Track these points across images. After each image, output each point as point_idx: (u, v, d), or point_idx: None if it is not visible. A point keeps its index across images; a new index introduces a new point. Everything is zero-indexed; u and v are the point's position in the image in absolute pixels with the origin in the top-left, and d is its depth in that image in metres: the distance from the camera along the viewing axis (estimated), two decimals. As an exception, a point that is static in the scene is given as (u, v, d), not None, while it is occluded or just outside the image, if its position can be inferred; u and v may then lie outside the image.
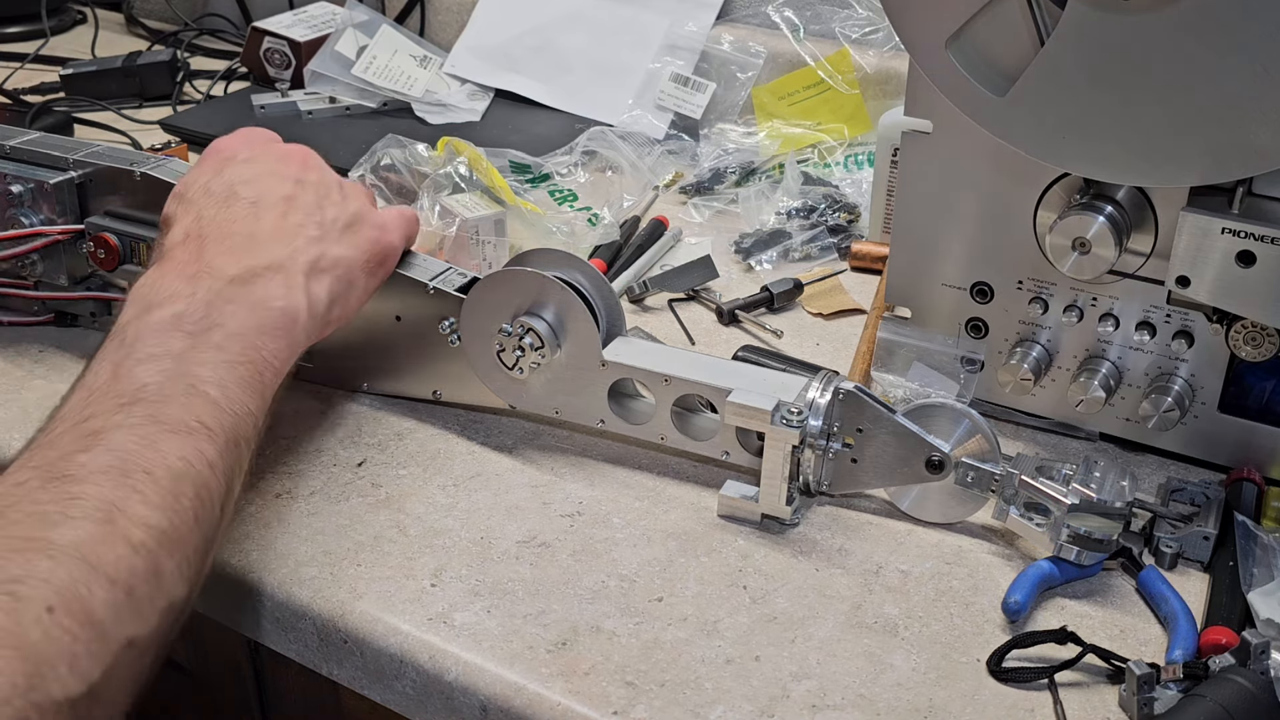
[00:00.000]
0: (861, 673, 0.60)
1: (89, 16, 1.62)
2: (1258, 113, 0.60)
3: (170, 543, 0.52)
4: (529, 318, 0.71)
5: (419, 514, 0.70)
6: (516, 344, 0.72)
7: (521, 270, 0.72)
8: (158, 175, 0.78)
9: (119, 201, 0.81)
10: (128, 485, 0.51)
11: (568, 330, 0.72)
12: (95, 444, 0.53)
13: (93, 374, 0.57)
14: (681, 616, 0.63)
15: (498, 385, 0.75)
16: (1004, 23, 0.66)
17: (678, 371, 0.70)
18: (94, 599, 0.48)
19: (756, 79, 1.27)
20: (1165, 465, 0.75)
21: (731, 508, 0.70)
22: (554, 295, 0.71)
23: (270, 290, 0.63)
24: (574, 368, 0.72)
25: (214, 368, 0.59)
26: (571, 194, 1.10)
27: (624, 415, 0.73)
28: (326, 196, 0.71)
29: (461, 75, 1.35)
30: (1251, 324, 0.68)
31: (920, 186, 0.76)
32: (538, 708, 0.58)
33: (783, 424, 0.66)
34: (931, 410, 0.68)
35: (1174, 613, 0.62)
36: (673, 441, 0.73)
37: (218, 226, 0.66)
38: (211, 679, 0.83)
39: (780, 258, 1.02)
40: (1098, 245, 0.69)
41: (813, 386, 0.68)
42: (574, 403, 0.74)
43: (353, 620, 0.63)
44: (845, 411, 0.68)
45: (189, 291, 0.61)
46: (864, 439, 0.68)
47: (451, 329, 0.74)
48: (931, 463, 0.67)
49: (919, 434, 0.67)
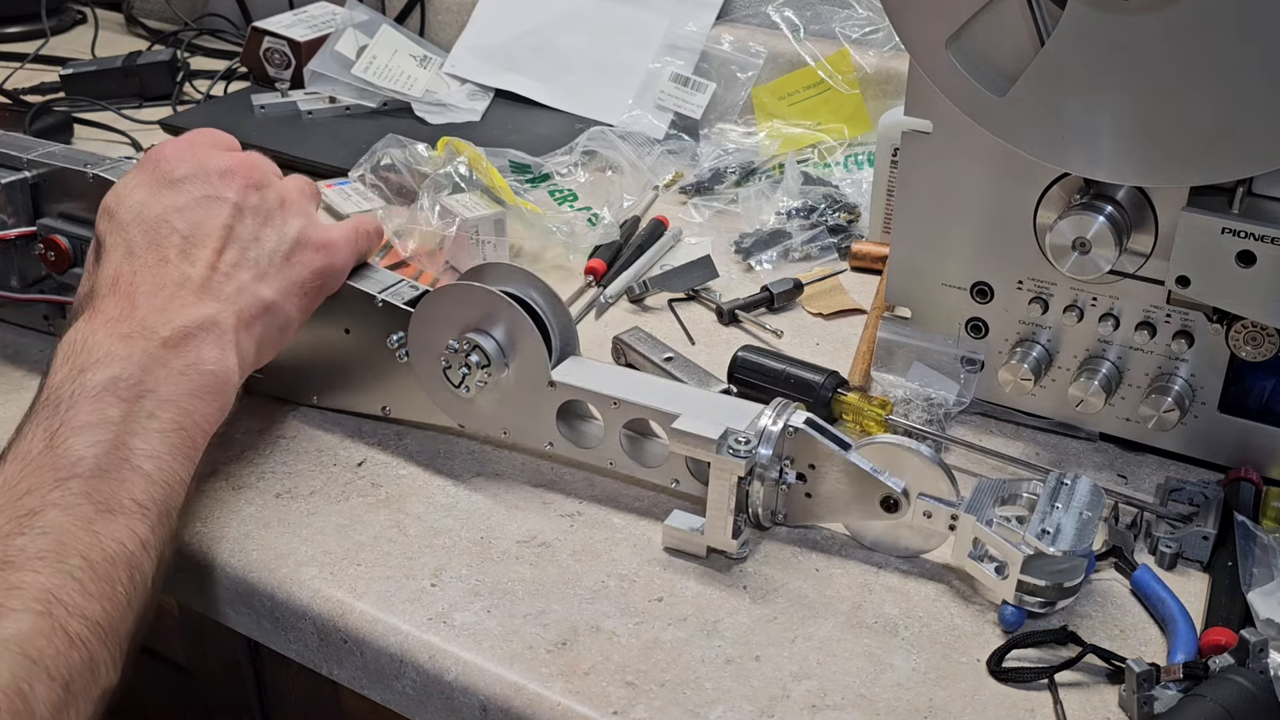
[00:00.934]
0: (861, 673, 0.60)
1: (89, 16, 1.62)
2: (1258, 113, 0.60)
3: (105, 634, 0.52)
4: (476, 334, 0.69)
5: (419, 514, 0.70)
6: (463, 361, 0.69)
7: (469, 285, 0.69)
8: (110, 178, 0.77)
9: (72, 204, 0.79)
10: (64, 572, 0.51)
11: (517, 349, 0.69)
12: (31, 526, 0.52)
13: (27, 441, 0.56)
14: (681, 616, 0.63)
15: (445, 403, 0.73)
16: (1004, 23, 0.66)
17: (627, 394, 0.68)
18: (35, 696, 0.48)
19: (756, 79, 1.27)
20: (1165, 465, 0.75)
21: (677, 540, 0.67)
22: (503, 312, 0.69)
23: (202, 353, 0.62)
24: (522, 387, 0.70)
25: (147, 438, 0.58)
26: (571, 194, 1.10)
27: (573, 438, 0.71)
28: (267, 222, 0.69)
29: (461, 75, 1.35)
30: (1251, 324, 0.68)
31: (920, 186, 0.76)
32: (538, 708, 0.58)
33: (729, 454, 0.63)
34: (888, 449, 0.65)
35: (1171, 614, 0.62)
36: (621, 467, 0.70)
37: (149, 273, 0.64)
38: (211, 679, 0.83)
39: (780, 258, 1.02)
40: (1098, 245, 0.69)
41: (765, 414, 0.66)
42: (523, 424, 0.71)
43: (353, 620, 0.63)
44: (796, 447, 0.65)
45: (124, 353, 0.60)
46: (817, 474, 0.66)
47: (400, 344, 0.72)
48: (887, 502, 0.64)
49: (872, 473, 0.64)
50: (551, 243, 1.00)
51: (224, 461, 0.74)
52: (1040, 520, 0.62)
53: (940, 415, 0.77)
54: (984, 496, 0.64)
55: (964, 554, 0.64)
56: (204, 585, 0.68)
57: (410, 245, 0.98)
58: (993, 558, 0.63)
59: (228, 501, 0.71)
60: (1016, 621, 0.62)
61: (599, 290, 0.96)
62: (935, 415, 0.77)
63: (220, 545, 0.67)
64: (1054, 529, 0.61)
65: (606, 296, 0.95)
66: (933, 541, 0.66)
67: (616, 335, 0.86)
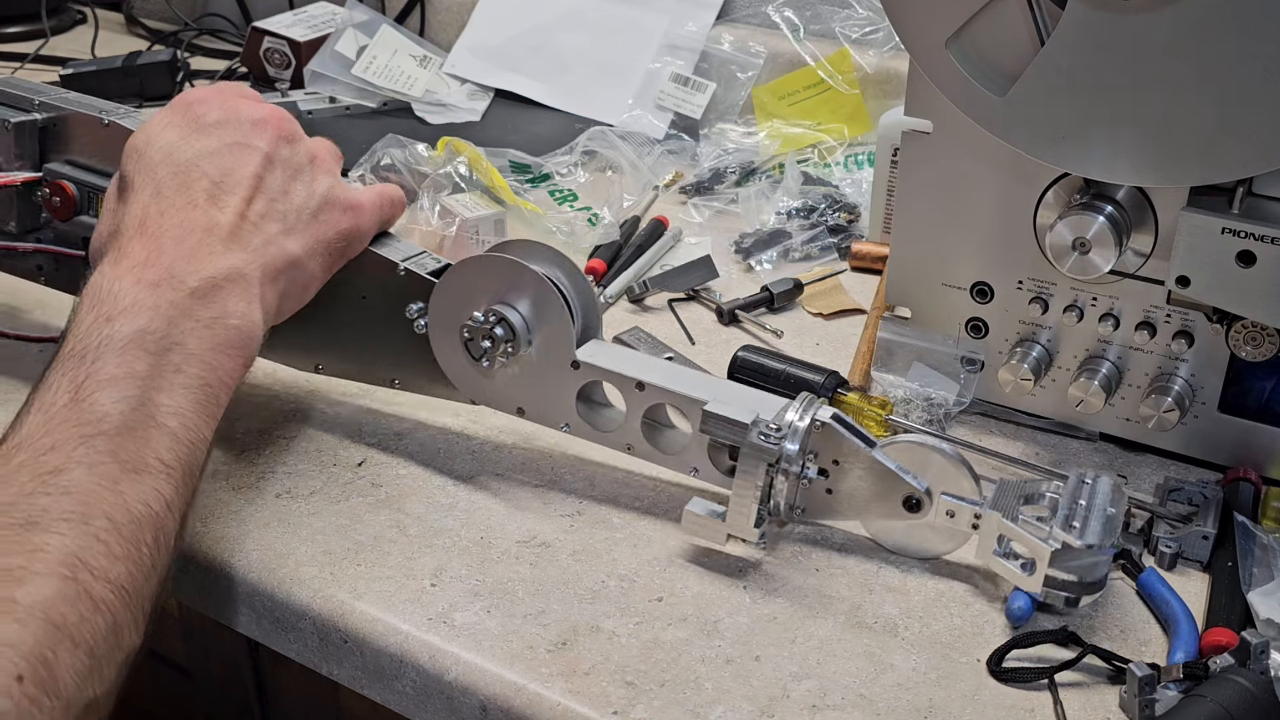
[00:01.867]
0: (861, 673, 0.60)
1: (89, 16, 1.62)
2: (1258, 113, 0.60)
3: (130, 597, 0.51)
4: (502, 307, 0.68)
5: (419, 514, 0.70)
6: (487, 333, 0.68)
7: (500, 257, 0.68)
8: (126, 125, 0.74)
9: (81, 150, 0.77)
10: (90, 534, 0.51)
11: (541, 325, 0.68)
12: (56, 485, 0.51)
13: (51, 392, 0.55)
14: (681, 616, 0.63)
15: (461, 377, 0.72)
16: (1004, 23, 0.66)
17: (652, 379, 0.67)
18: (59, 664, 0.47)
19: (756, 79, 1.27)
20: (1165, 465, 0.75)
21: (696, 525, 0.66)
22: (531, 287, 0.68)
23: (229, 306, 0.62)
24: (544, 365, 0.69)
25: (173, 393, 0.58)
26: (571, 194, 1.10)
27: (591, 421, 0.70)
28: (297, 176, 0.68)
29: (461, 75, 1.35)
30: (1251, 324, 0.68)
31: (920, 186, 0.76)
32: (538, 708, 0.58)
33: (760, 440, 0.63)
34: (912, 448, 0.65)
35: (1175, 615, 0.62)
36: (640, 452, 0.69)
37: (177, 216, 0.63)
38: (211, 679, 0.83)
39: (780, 258, 1.02)
40: (1098, 245, 0.69)
41: (792, 408, 0.65)
42: (540, 402, 0.70)
43: (353, 620, 0.63)
44: (821, 442, 0.65)
45: (151, 303, 0.59)
46: (840, 470, 0.65)
47: (420, 313, 0.71)
48: (910, 502, 0.64)
49: (897, 471, 0.64)
50: (551, 243, 1.00)
51: (224, 461, 0.74)
52: (1066, 516, 0.61)
53: (940, 415, 0.77)
54: (1007, 495, 0.64)
55: (988, 552, 0.63)
56: (204, 585, 0.68)
57: (410, 245, 0.98)
58: (1018, 555, 0.62)
59: (228, 502, 0.71)
60: (1025, 614, 0.62)
61: (599, 290, 0.96)
62: (935, 415, 0.77)
63: (220, 545, 0.67)
64: (1080, 524, 0.61)
65: (606, 296, 0.95)
66: (955, 541, 0.66)
67: (616, 335, 0.86)
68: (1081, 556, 0.60)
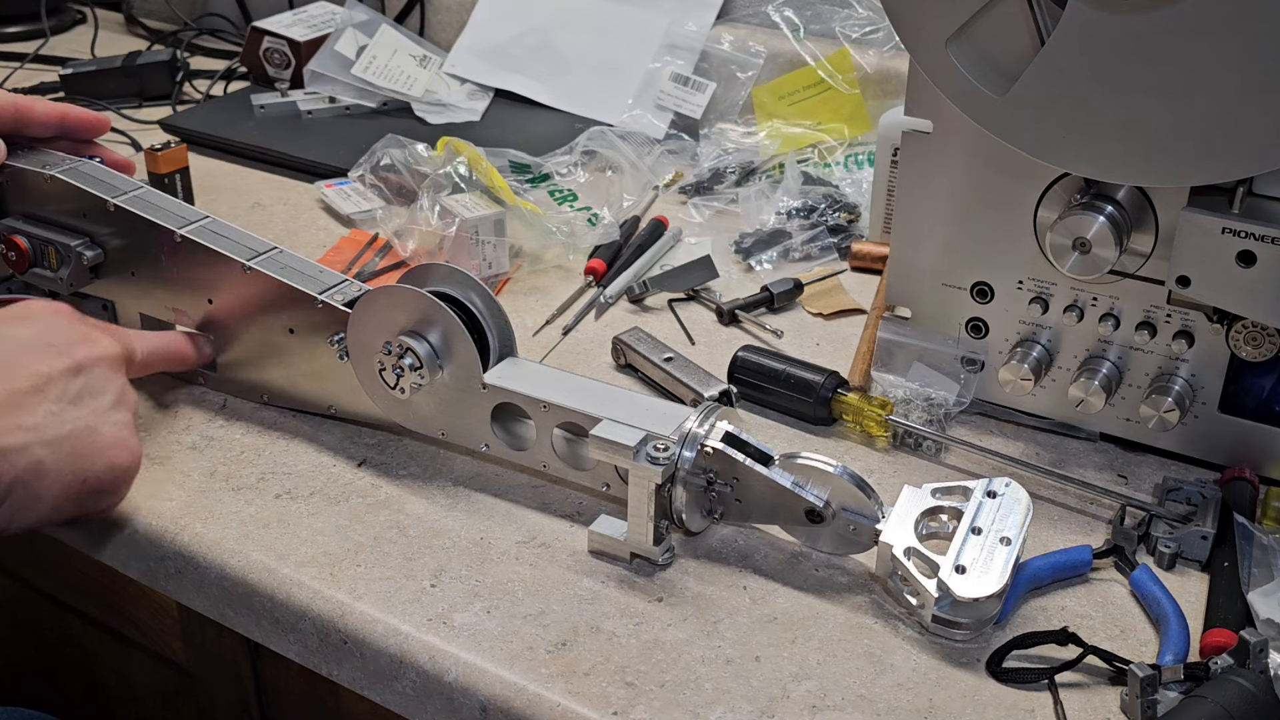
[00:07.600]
0: (861, 673, 0.60)
1: (89, 16, 1.62)
2: (1258, 113, 0.60)
3: None
4: (409, 337, 0.69)
5: (419, 514, 0.70)
6: (395, 363, 0.70)
7: (402, 288, 0.70)
8: (67, 180, 0.78)
9: (34, 204, 0.80)
10: None
11: (451, 351, 0.70)
12: None
13: None
14: (681, 617, 0.63)
15: (384, 404, 0.73)
16: (1004, 23, 0.66)
17: (556, 397, 0.68)
18: None
19: (756, 79, 1.27)
20: (1165, 465, 0.75)
21: (601, 544, 0.67)
22: (436, 316, 0.69)
23: None
24: (457, 389, 0.70)
25: None
26: (571, 194, 1.10)
27: (510, 441, 0.71)
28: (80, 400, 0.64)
29: (461, 75, 1.35)
30: (1251, 324, 0.68)
31: (920, 186, 0.76)
32: (537, 708, 0.58)
33: (646, 461, 0.63)
34: (807, 467, 0.65)
35: (1165, 614, 0.62)
36: (554, 470, 0.70)
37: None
38: (211, 679, 0.83)
39: (780, 258, 1.02)
40: (1098, 245, 0.69)
41: (692, 418, 0.66)
42: (459, 425, 0.72)
43: (352, 621, 0.63)
44: (716, 462, 0.65)
45: None
46: (743, 485, 0.65)
47: (339, 344, 0.73)
48: (811, 514, 0.65)
49: (793, 489, 0.64)
50: (551, 243, 1.00)
51: (224, 462, 0.74)
52: (955, 554, 0.61)
53: (940, 415, 0.77)
54: (909, 510, 0.64)
55: (885, 574, 0.64)
56: (204, 586, 0.68)
57: (410, 246, 0.98)
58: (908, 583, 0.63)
59: (228, 502, 0.71)
60: (1001, 616, 0.61)
61: (599, 290, 0.96)
62: (935, 415, 0.77)
63: (220, 546, 0.67)
64: (970, 562, 0.61)
65: (606, 296, 0.95)
66: (861, 548, 0.66)
67: (616, 335, 0.86)
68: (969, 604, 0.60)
